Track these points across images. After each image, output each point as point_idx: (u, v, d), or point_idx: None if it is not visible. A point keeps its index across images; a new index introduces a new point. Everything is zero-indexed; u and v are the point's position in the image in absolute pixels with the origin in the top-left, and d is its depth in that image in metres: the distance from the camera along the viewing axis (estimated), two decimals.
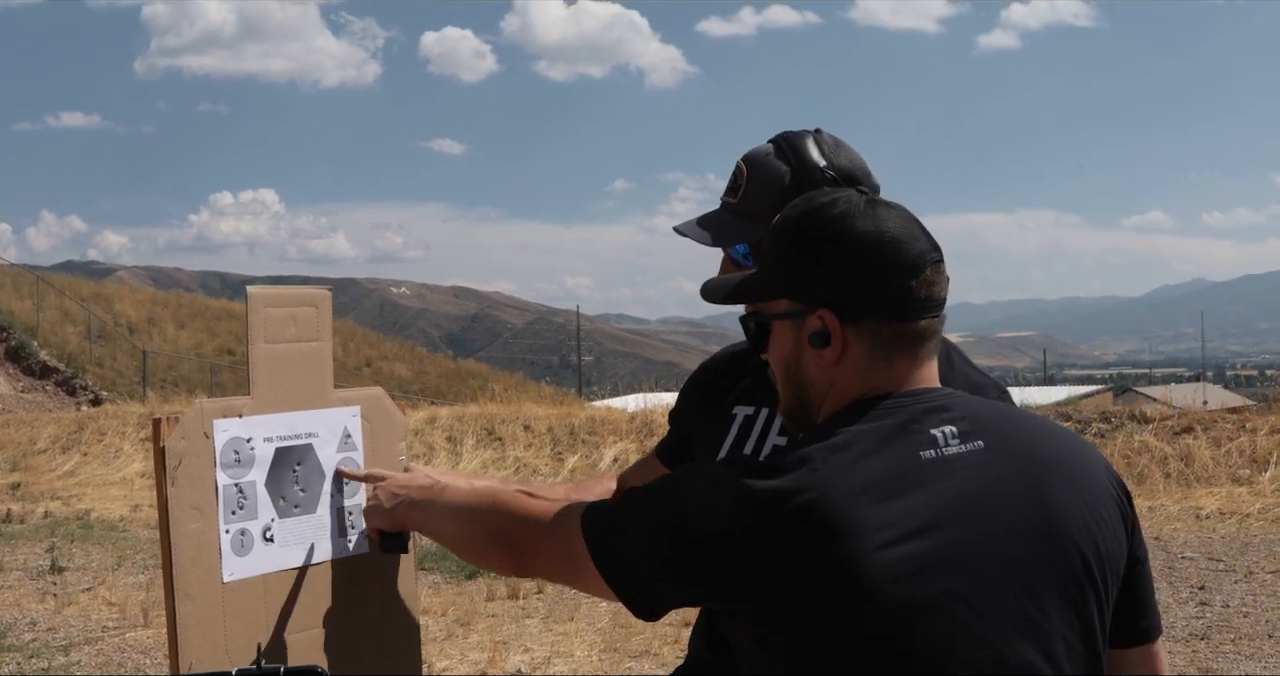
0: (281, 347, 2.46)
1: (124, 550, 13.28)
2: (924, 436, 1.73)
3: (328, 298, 2.57)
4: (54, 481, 21.03)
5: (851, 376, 1.80)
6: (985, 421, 1.79)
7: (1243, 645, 8.19)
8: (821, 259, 1.79)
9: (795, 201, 1.89)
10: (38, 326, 35.94)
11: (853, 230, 1.78)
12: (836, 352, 1.79)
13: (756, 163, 2.30)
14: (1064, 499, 1.76)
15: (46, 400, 32.09)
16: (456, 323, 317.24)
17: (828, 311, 1.79)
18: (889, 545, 1.62)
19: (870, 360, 1.79)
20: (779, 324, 1.86)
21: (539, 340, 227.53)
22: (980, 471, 1.73)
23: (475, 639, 8.83)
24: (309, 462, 2.48)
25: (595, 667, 8.10)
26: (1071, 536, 1.75)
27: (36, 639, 9.16)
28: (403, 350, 50.94)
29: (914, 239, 1.79)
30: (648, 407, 20.54)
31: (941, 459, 1.72)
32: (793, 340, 1.84)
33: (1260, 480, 14.53)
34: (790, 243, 1.83)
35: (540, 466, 19.27)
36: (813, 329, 1.80)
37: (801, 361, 1.84)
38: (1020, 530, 1.71)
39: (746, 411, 2.38)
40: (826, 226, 1.79)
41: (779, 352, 1.88)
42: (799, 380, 1.86)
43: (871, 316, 1.78)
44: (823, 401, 1.84)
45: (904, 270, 1.77)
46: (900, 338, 1.79)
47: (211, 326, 42.73)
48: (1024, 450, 1.78)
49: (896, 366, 1.80)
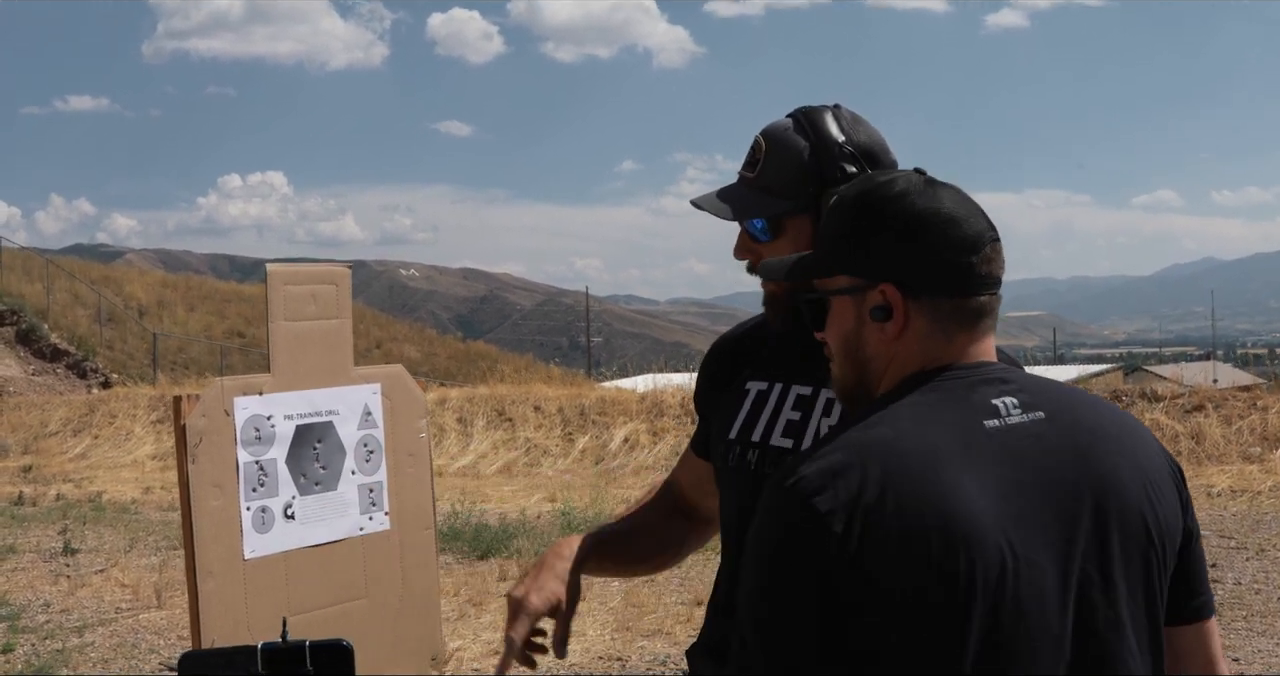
0: (302, 325, 2.45)
1: (136, 532, 13.31)
2: (987, 406, 1.75)
3: (347, 275, 2.56)
4: (65, 464, 21.09)
5: (912, 350, 1.81)
6: (1043, 393, 1.81)
7: (1254, 621, 8.19)
8: (884, 235, 1.80)
9: (853, 181, 1.91)
10: (48, 309, 35.97)
11: (915, 207, 1.79)
12: (898, 327, 1.80)
13: (775, 137, 2.28)
14: (1123, 470, 1.78)
15: (57, 383, 32.15)
16: (465, 304, 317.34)
17: (890, 286, 1.79)
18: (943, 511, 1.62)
19: (930, 334, 1.80)
20: (838, 300, 1.86)
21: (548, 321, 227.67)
22: (1041, 441, 1.74)
23: (488, 619, 8.84)
24: (330, 440, 2.48)
25: (608, 646, 8.11)
26: (1133, 506, 1.76)
27: (50, 620, 9.18)
28: (412, 332, 50.95)
29: (974, 217, 1.81)
30: (657, 388, 20.55)
31: (1006, 427, 1.73)
32: (853, 316, 1.84)
33: (1271, 458, 14.53)
34: (852, 220, 1.84)
35: (551, 447, 19.29)
36: (874, 304, 1.81)
37: (862, 336, 1.84)
38: (1085, 500, 1.73)
39: (760, 386, 2.37)
40: (889, 203, 1.80)
41: (838, 328, 1.88)
42: (859, 355, 1.86)
43: (932, 292, 1.79)
44: (882, 376, 1.84)
45: (965, 246, 1.79)
46: (960, 313, 1.80)
47: (221, 309, 42.75)
48: (1082, 422, 1.80)
49: (956, 341, 1.80)
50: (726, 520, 2.38)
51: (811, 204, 2.22)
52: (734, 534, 2.34)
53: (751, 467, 2.29)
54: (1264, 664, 7.25)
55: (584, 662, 7.75)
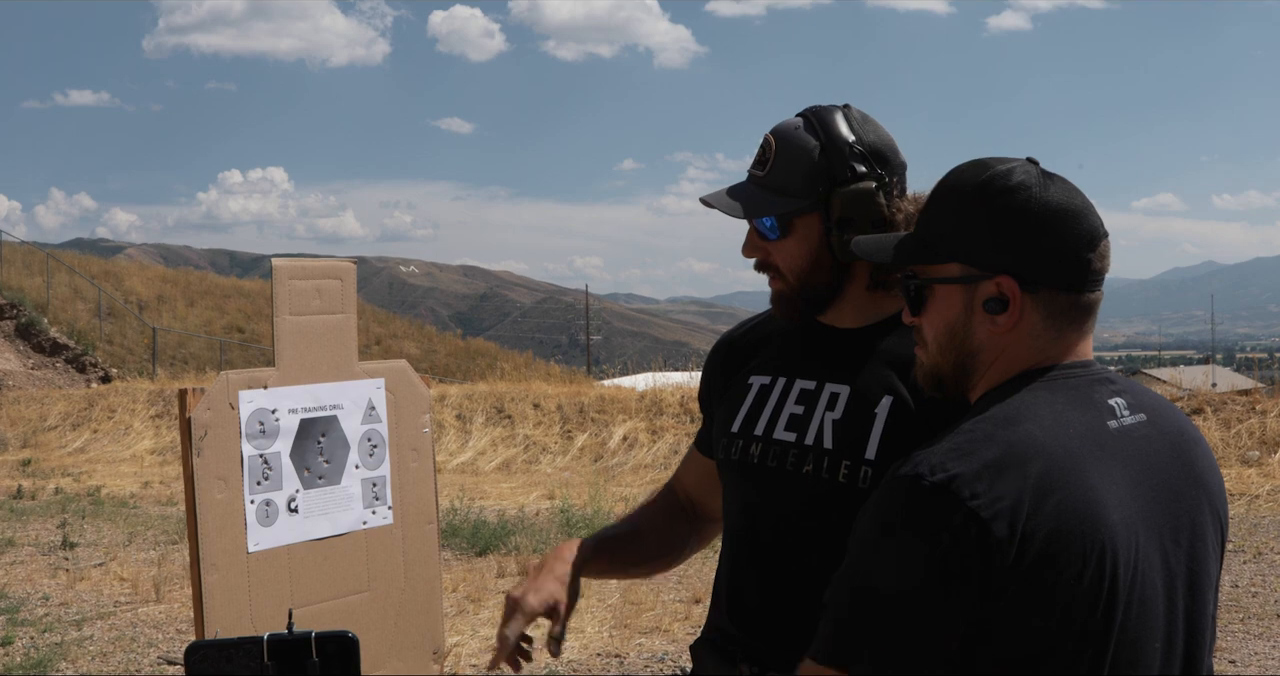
0: (306, 320, 2.46)
1: (135, 526, 13.32)
2: (1105, 406, 1.77)
3: (352, 270, 2.57)
4: (64, 458, 21.11)
5: (1024, 345, 1.81)
6: (1142, 396, 1.85)
7: (1251, 624, 8.20)
8: (1005, 225, 1.79)
9: (965, 167, 1.89)
10: (48, 303, 35.98)
11: (1038, 199, 1.79)
12: (1012, 320, 1.80)
13: (786, 136, 2.29)
14: (1210, 474, 1.84)
15: (56, 377, 32.15)
16: (465, 301, 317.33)
17: (1008, 278, 1.79)
18: (1095, 514, 1.65)
19: (1043, 330, 1.80)
20: (944, 288, 1.85)
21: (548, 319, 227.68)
22: (1150, 443, 1.77)
23: (486, 615, 8.85)
24: (333, 434, 2.49)
25: (606, 643, 8.12)
26: (1218, 506, 1.83)
27: (49, 613, 9.19)
28: (412, 328, 50.95)
29: (1089, 211, 1.81)
30: (657, 386, 20.57)
31: (1123, 428, 1.76)
32: (962, 304, 1.83)
33: (1270, 462, 14.54)
34: (969, 207, 1.83)
35: (550, 444, 19.31)
36: (988, 294, 1.80)
37: (970, 327, 1.83)
38: (1185, 501, 1.78)
39: (763, 380, 2.38)
40: (1011, 193, 1.79)
41: (941, 316, 1.86)
42: (965, 345, 1.85)
43: (1050, 286, 1.79)
44: (986, 369, 1.84)
45: (1085, 242, 1.79)
46: (1073, 309, 1.81)
47: (220, 304, 42.76)
48: (1174, 426, 1.84)
49: (1066, 338, 1.81)
50: (729, 514, 2.39)
51: (821, 203, 2.23)
52: (737, 528, 2.35)
53: (754, 461, 2.30)
54: (1260, 666, 7.27)
55: (582, 659, 7.76)
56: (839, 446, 2.17)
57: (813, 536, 2.18)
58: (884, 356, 2.21)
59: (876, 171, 2.22)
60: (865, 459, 2.13)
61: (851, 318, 2.29)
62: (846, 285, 2.27)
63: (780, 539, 2.24)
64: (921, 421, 2.09)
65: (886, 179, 2.23)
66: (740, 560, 2.32)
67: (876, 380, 2.19)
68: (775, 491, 2.25)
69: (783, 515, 2.23)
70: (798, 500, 2.21)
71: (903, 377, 2.16)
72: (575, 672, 7.49)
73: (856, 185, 2.21)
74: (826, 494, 2.16)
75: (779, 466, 2.25)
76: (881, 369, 2.20)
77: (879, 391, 2.18)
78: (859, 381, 2.21)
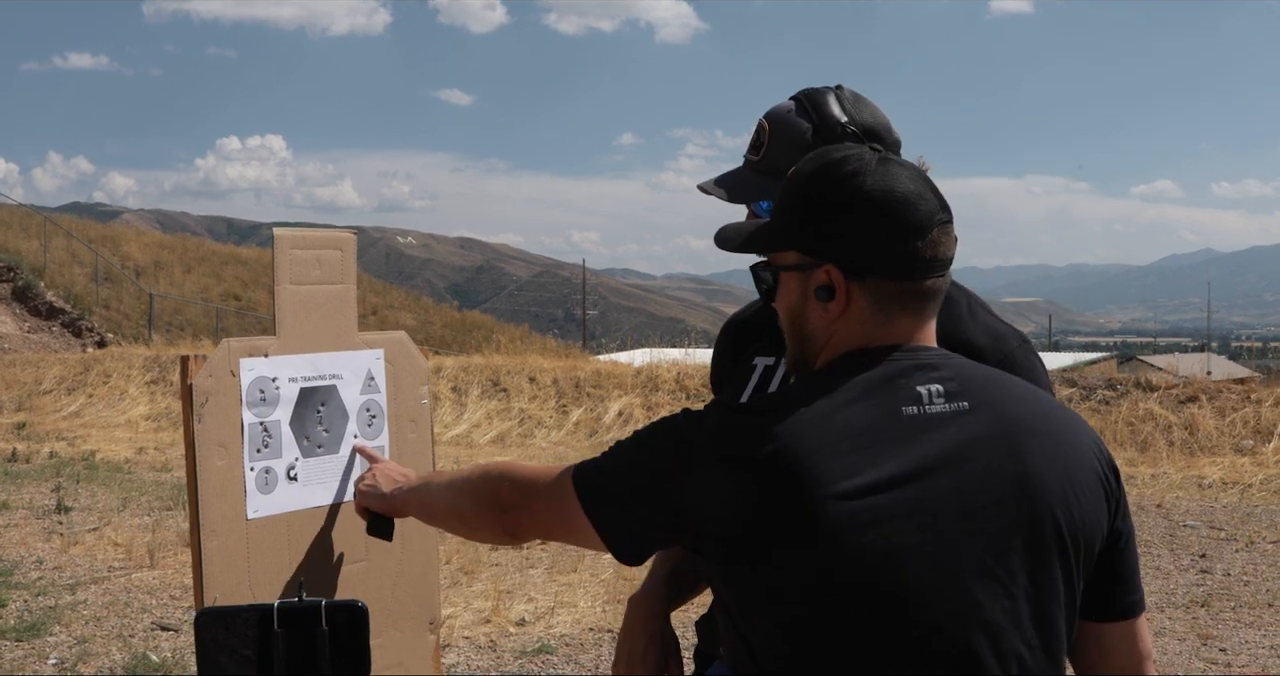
0: (307, 289, 2.47)
1: (129, 491, 13.33)
2: (909, 392, 1.76)
3: (352, 241, 2.57)
4: (59, 422, 21.12)
5: (852, 330, 1.83)
6: (974, 383, 1.82)
7: (1243, 613, 8.23)
8: (830, 215, 1.81)
9: (809, 156, 1.90)
10: (44, 267, 35.96)
11: (863, 188, 1.79)
12: (840, 307, 1.82)
13: (778, 120, 2.31)
14: (1041, 466, 1.77)
15: (52, 341, 32.16)
16: (462, 273, 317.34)
17: (833, 267, 1.81)
18: (853, 495, 1.65)
19: (871, 316, 1.82)
20: (786, 275, 1.88)
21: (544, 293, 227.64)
22: (959, 431, 1.75)
23: (479, 587, 8.88)
24: (333, 403, 2.50)
25: (599, 618, 8.14)
26: (1046, 502, 1.76)
27: (43, 577, 9.21)
28: (408, 299, 50.98)
29: (923, 199, 1.80)
30: (653, 362, 20.57)
31: (923, 415, 1.75)
32: (798, 292, 1.87)
33: (1263, 451, 14.58)
34: (801, 197, 1.85)
35: (545, 418, 19.32)
36: (818, 282, 1.83)
37: (805, 313, 1.87)
38: (993, 492, 1.73)
39: (766, 361, 2.40)
40: (838, 183, 1.81)
41: (785, 303, 1.90)
42: (802, 330, 1.89)
43: (876, 274, 1.80)
44: (820, 352, 1.87)
45: (911, 230, 1.79)
46: (903, 296, 1.81)
47: (218, 271, 42.74)
48: (1008, 415, 1.80)
49: (897, 324, 1.82)
50: None
51: None
52: None
53: None
54: (1250, 655, 7.30)
55: (575, 634, 7.79)
56: None
57: None
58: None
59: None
60: None
61: None
62: None
63: None
64: None
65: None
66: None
67: None
68: None
69: None
70: None
71: None
72: (569, 647, 7.52)
73: None
74: None
75: None
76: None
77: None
78: None
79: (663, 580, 2.47)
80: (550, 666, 7.16)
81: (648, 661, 2.36)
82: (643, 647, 2.38)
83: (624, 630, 2.43)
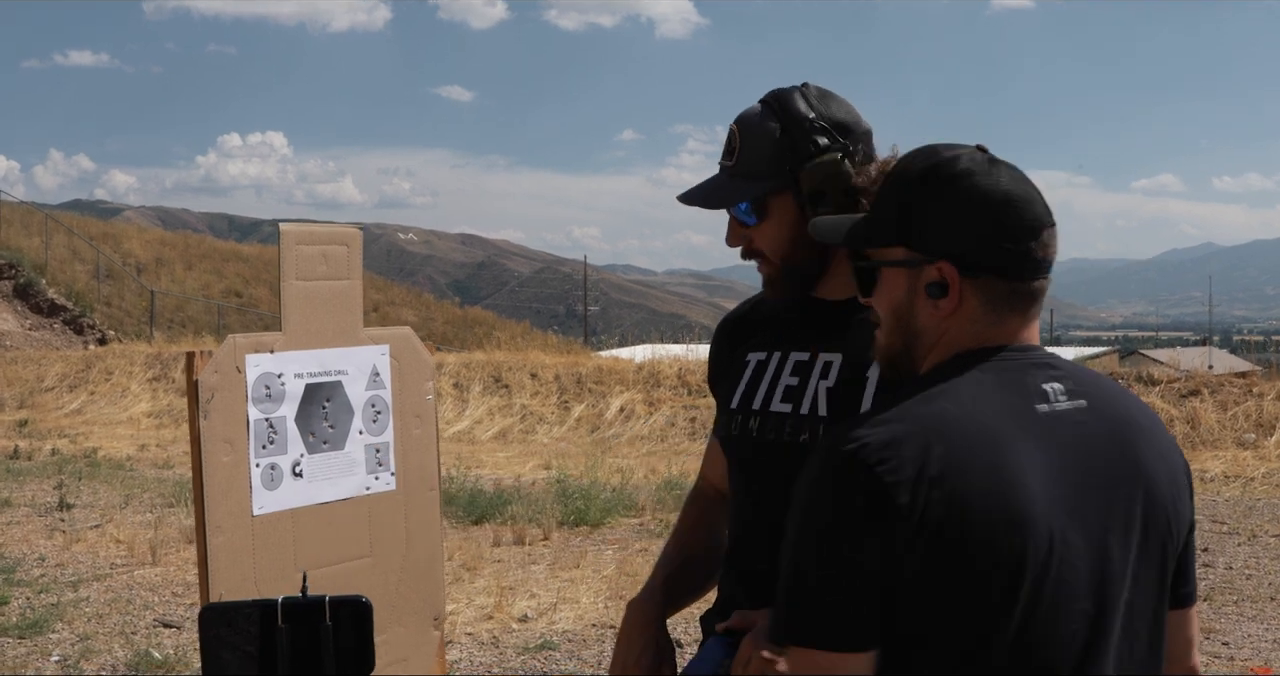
0: (312, 285, 2.46)
1: (131, 488, 13.33)
2: (1037, 390, 1.77)
3: (359, 237, 2.57)
4: (61, 419, 21.11)
5: (964, 329, 1.83)
6: (1086, 382, 1.84)
7: (1245, 606, 8.23)
8: (946, 212, 1.81)
9: (914, 153, 1.91)
10: (46, 264, 35.95)
11: (980, 186, 1.80)
12: (952, 304, 1.82)
13: (748, 123, 2.34)
14: (1152, 463, 1.82)
15: (54, 338, 32.16)
16: (463, 270, 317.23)
17: (948, 263, 1.81)
18: (1002, 491, 1.65)
19: (983, 315, 1.82)
20: (891, 271, 1.88)
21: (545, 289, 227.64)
22: (1084, 428, 1.77)
23: (482, 584, 8.88)
24: (338, 399, 2.49)
25: (601, 614, 8.14)
26: (1158, 498, 1.80)
27: (45, 574, 9.21)
28: (410, 296, 50.96)
29: (1033, 201, 1.82)
30: (654, 358, 20.56)
31: (1054, 413, 1.76)
32: (906, 288, 1.86)
33: (1265, 445, 14.57)
34: (914, 193, 1.85)
35: (547, 414, 19.32)
36: (930, 279, 1.82)
37: (914, 310, 1.86)
38: (1121, 488, 1.77)
39: (759, 357, 2.42)
40: (954, 181, 1.81)
41: (888, 299, 1.89)
42: (909, 328, 1.88)
43: (990, 273, 1.81)
44: (929, 351, 1.87)
45: (1026, 230, 1.80)
46: (1014, 296, 1.82)
47: (219, 268, 42.73)
48: (1117, 412, 1.83)
49: (1007, 323, 1.83)
50: (735, 488, 2.42)
51: (791, 181, 2.27)
52: (744, 500, 2.38)
53: (753, 434, 2.34)
54: (1253, 648, 7.29)
55: (577, 630, 7.79)
56: (833, 413, 2.23)
57: None
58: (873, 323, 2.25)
59: (839, 141, 2.27)
60: None
61: (841, 288, 2.33)
62: (831, 257, 2.32)
63: (781, 507, 2.26)
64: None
65: (851, 148, 2.27)
66: (749, 530, 2.35)
67: (867, 346, 2.23)
68: (776, 462, 2.28)
69: (783, 483, 2.26)
70: (796, 468, 2.24)
71: None
72: (571, 643, 7.52)
73: (822, 158, 2.25)
74: None
75: (777, 438, 2.29)
76: (872, 335, 2.24)
77: (870, 357, 2.22)
78: (850, 348, 2.26)
79: (660, 584, 2.49)
80: (553, 662, 7.16)
81: (642, 664, 2.38)
82: (638, 652, 2.40)
83: (621, 634, 2.45)
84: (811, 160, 2.24)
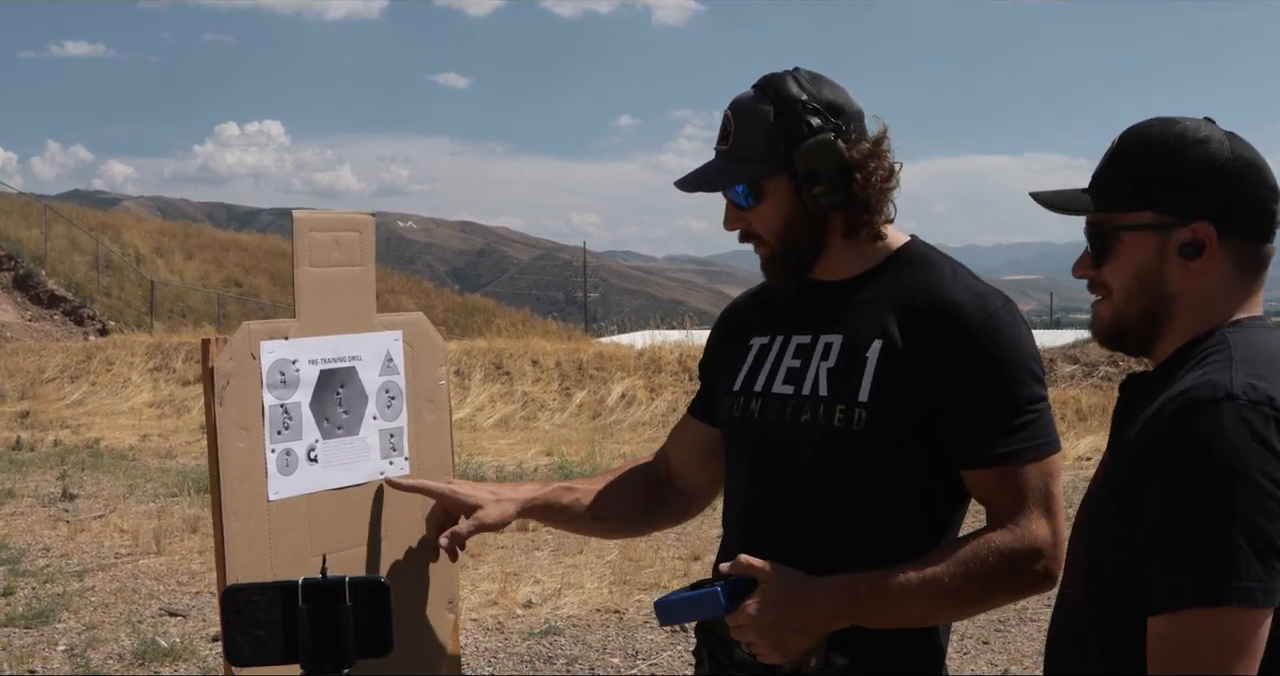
0: (326, 272, 2.48)
1: (134, 478, 13.37)
2: None
3: (371, 223, 2.58)
4: (62, 410, 21.14)
5: (1218, 295, 1.86)
6: None
7: None
8: (1201, 174, 1.84)
9: (1150, 122, 1.93)
10: (45, 255, 35.96)
11: (1230, 150, 1.85)
12: (1207, 266, 1.84)
13: (741, 108, 2.36)
14: None
15: (54, 329, 32.18)
16: (463, 257, 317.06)
17: (1206, 224, 1.83)
18: None
19: (1234, 278, 1.86)
20: (1135, 235, 1.89)
21: (545, 276, 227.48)
22: None
23: (486, 570, 8.92)
24: (352, 385, 2.51)
25: (605, 599, 8.17)
26: None
27: (50, 564, 9.24)
28: (409, 284, 51.00)
29: (1268, 168, 1.87)
30: (655, 344, 20.59)
31: None
32: (1154, 251, 1.87)
33: None
34: (1165, 158, 1.87)
35: (548, 401, 19.36)
36: (1183, 240, 1.84)
37: (1163, 273, 1.87)
38: None
39: (762, 341, 2.45)
40: (1205, 144, 1.85)
41: (1131, 264, 1.90)
42: (1157, 292, 1.88)
43: (1241, 235, 1.84)
44: (1177, 317, 1.88)
45: (1272, 193, 1.85)
46: (1257, 260, 1.86)
47: (219, 257, 42.75)
48: None
49: (1250, 289, 1.87)
50: (735, 471, 2.45)
51: (785, 162, 2.29)
52: (744, 483, 2.40)
53: (755, 416, 2.37)
54: None
55: (581, 615, 7.82)
56: (833, 392, 2.25)
57: (816, 483, 2.27)
58: (873, 302, 2.30)
59: (832, 121, 2.28)
60: (859, 402, 2.22)
61: (839, 269, 2.37)
62: (827, 238, 2.34)
63: (786, 488, 2.29)
64: (910, 362, 2.20)
65: (843, 127, 2.29)
66: (749, 514, 2.37)
67: (866, 326, 2.28)
68: (777, 442, 2.32)
69: (786, 464, 2.29)
70: (799, 448, 2.27)
71: (893, 320, 2.25)
72: (575, 628, 7.55)
73: (815, 138, 2.27)
74: (824, 439, 2.25)
75: (779, 419, 2.32)
76: (871, 314, 2.29)
77: (869, 336, 2.26)
78: (849, 328, 2.29)
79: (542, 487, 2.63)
80: (557, 647, 7.19)
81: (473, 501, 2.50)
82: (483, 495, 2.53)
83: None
84: (805, 140, 2.26)
